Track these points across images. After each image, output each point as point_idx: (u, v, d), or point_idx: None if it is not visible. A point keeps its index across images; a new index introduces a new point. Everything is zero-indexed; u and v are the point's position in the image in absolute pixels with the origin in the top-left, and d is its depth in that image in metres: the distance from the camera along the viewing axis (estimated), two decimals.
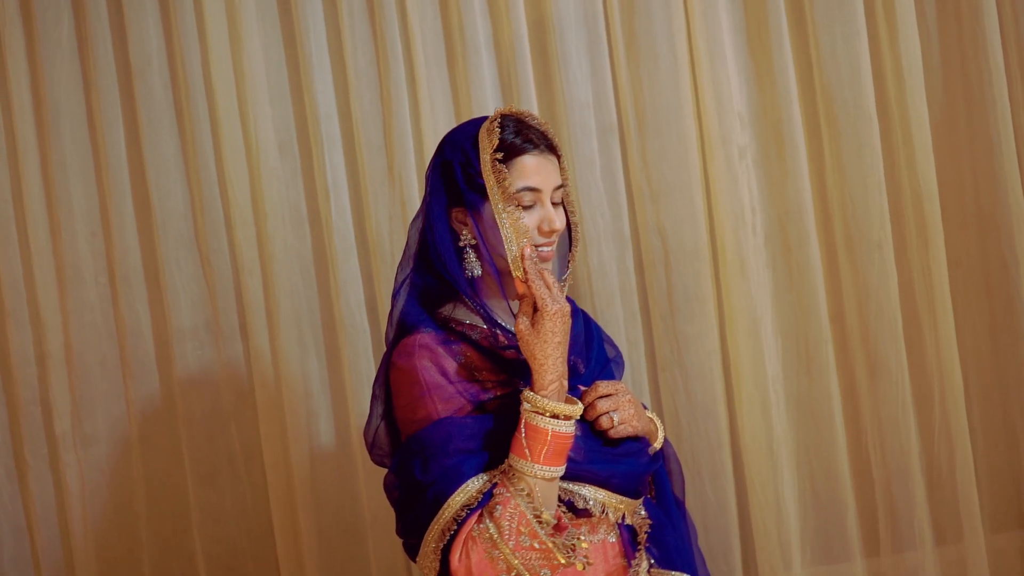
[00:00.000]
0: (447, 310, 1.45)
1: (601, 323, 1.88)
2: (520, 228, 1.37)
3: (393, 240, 2.13)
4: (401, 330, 1.45)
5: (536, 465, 1.29)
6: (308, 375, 2.20)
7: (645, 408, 1.56)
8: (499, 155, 1.38)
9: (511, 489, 1.29)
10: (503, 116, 1.43)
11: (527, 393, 1.31)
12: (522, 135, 1.41)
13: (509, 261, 1.37)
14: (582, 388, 1.44)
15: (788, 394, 2.05)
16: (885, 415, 2.01)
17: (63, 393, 2.26)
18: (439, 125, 2.09)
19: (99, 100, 2.19)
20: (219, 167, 2.20)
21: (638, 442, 1.44)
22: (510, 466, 1.31)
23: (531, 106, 2.05)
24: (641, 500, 1.45)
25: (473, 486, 1.32)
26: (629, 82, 2.04)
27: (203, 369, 2.24)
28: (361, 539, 2.21)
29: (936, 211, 1.98)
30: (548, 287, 1.34)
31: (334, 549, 2.23)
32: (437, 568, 1.34)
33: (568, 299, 1.60)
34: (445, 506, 1.31)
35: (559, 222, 1.41)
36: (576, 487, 1.38)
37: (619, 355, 1.61)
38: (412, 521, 1.36)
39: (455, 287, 1.42)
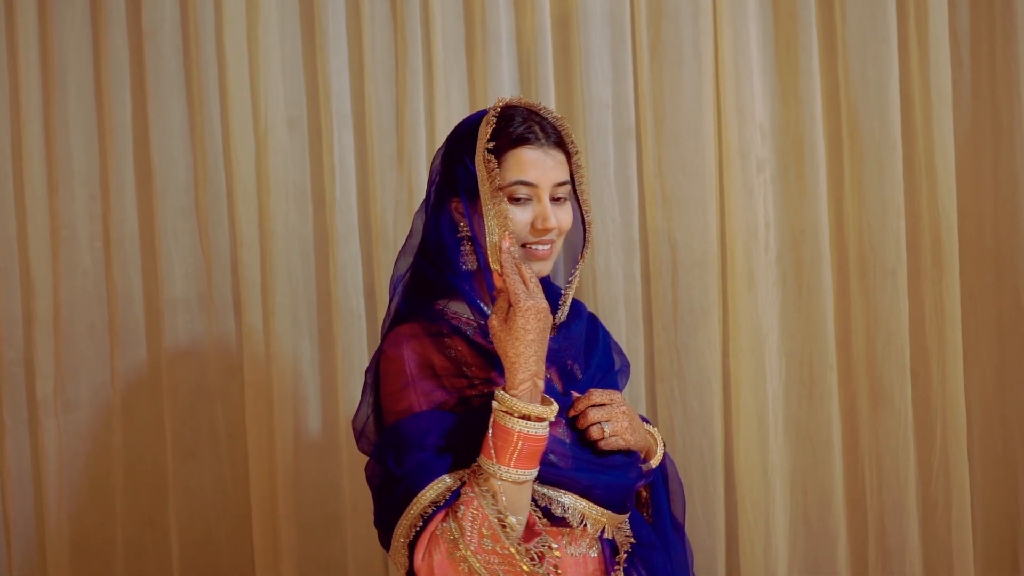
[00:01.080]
0: (444, 302, 1.41)
1: None
2: (504, 220, 1.33)
3: (397, 227, 2.09)
4: (396, 319, 1.42)
5: (502, 467, 1.24)
6: (299, 357, 2.16)
7: (647, 422, 1.52)
8: (491, 145, 1.34)
9: (476, 489, 1.25)
10: (512, 107, 1.39)
11: (498, 392, 1.27)
12: (523, 127, 1.37)
13: (488, 253, 1.33)
14: (575, 394, 1.40)
15: (787, 416, 2.01)
16: (884, 447, 1.97)
17: (48, 356, 2.22)
18: (453, 113, 2.04)
19: (108, 60, 2.15)
20: (225, 138, 2.16)
21: (628, 455, 1.40)
22: (478, 466, 1.27)
23: (548, 102, 2.00)
24: (627, 516, 1.40)
25: (444, 483, 1.28)
26: (650, 85, 2.00)
27: (192, 342, 2.20)
28: (340, 528, 2.18)
29: (954, 243, 1.94)
30: (524, 282, 1.29)
31: (312, 536, 2.19)
32: (407, 564, 1.30)
33: (577, 302, 1.57)
34: (414, 501, 1.27)
35: (554, 220, 1.36)
36: (555, 493, 1.33)
37: (627, 365, 1.57)
38: (384, 513, 1.33)
39: (449, 278, 1.38)
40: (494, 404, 1.26)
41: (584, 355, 1.48)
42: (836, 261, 1.99)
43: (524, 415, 1.25)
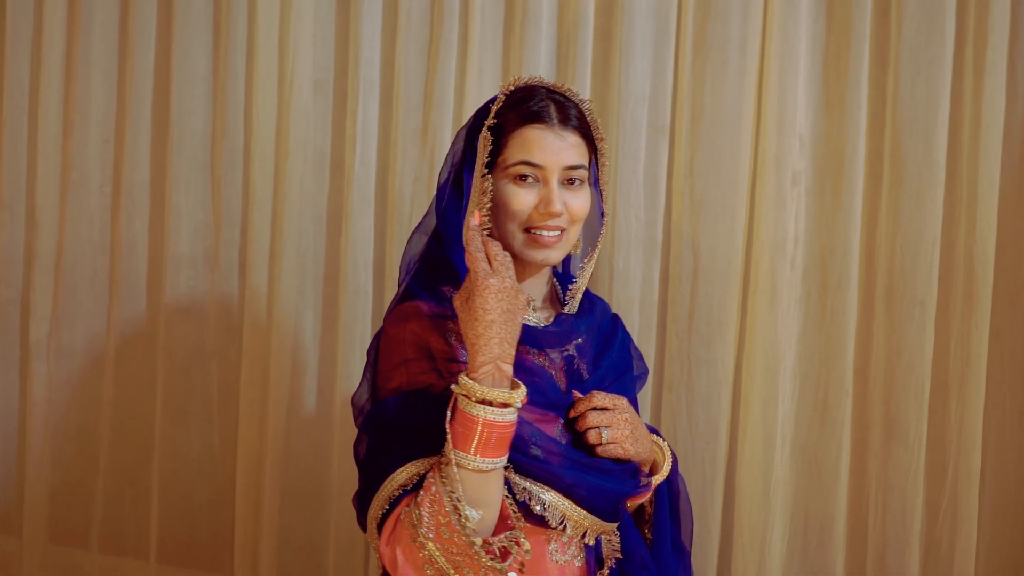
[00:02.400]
0: (451, 288, 1.35)
1: None
2: (482, 198, 1.29)
3: (414, 203, 2.02)
4: (404, 299, 1.37)
5: (461, 453, 1.17)
6: (301, 327, 2.11)
7: (658, 435, 1.45)
8: (493, 122, 1.30)
9: (436, 475, 1.19)
10: (533, 87, 1.34)
11: (460, 376, 1.20)
12: (538, 106, 1.31)
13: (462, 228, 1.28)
14: (576, 394, 1.34)
15: (795, 440, 1.94)
16: (893, 481, 1.90)
17: (46, 299, 2.18)
18: (483, 91, 1.97)
19: (136, 2, 2.10)
20: (248, 94, 2.11)
21: (624, 462, 1.33)
22: (443, 452, 1.20)
23: (583, 90, 1.93)
24: (614, 526, 1.34)
25: (415, 467, 1.22)
26: (691, 83, 1.92)
27: (193, 300, 2.15)
28: (324, 505, 2.13)
29: (988, 279, 1.85)
30: (489, 259, 1.22)
31: (295, 511, 2.14)
32: (378, 546, 1.25)
33: (599, 299, 1.52)
34: (385, 483, 1.23)
35: (560, 205, 1.29)
36: (537, 489, 1.25)
37: (645, 373, 1.51)
38: (361, 492, 1.29)
39: (453, 258, 1.33)
40: (453, 387, 1.20)
41: (597, 355, 1.42)
42: (864, 284, 1.91)
43: (484, 400, 1.18)
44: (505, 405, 1.18)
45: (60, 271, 2.18)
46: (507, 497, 1.24)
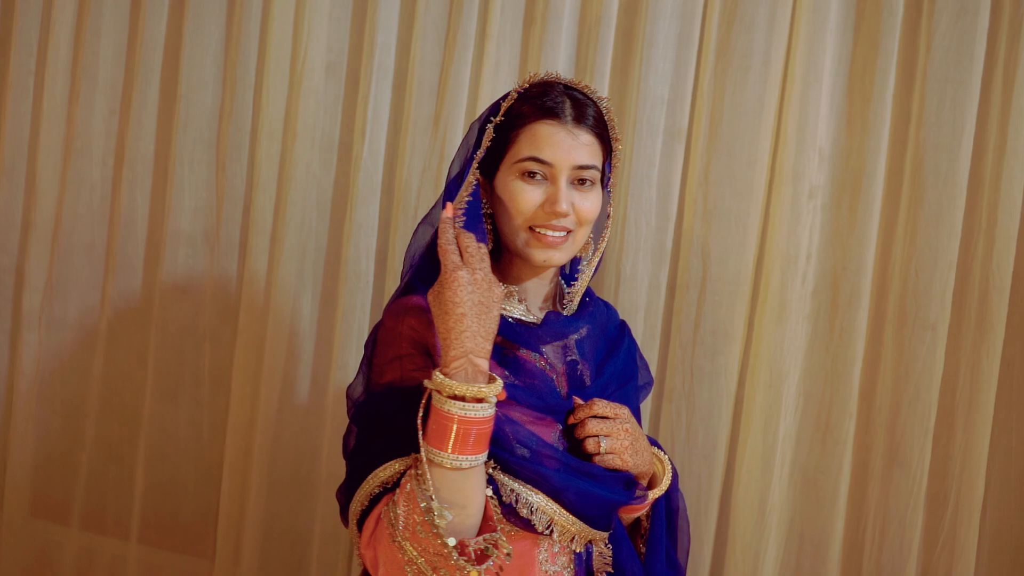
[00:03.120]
0: None
1: None
2: (465, 191, 1.27)
3: (421, 194, 1.98)
4: (405, 291, 1.33)
5: (434, 450, 1.14)
6: (298, 313, 2.07)
7: (660, 448, 1.41)
8: (501, 119, 1.28)
9: (413, 474, 1.15)
10: (550, 83, 1.31)
11: (433, 372, 1.16)
12: (552, 101, 1.28)
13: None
14: (577, 400, 1.30)
15: (795, 460, 1.90)
16: (893, 507, 1.86)
17: (41, 268, 2.14)
18: (499, 85, 1.93)
19: None
20: (259, 73, 2.07)
21: (618, 471, 1.30)
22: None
23: (601, 89, 1.89)
24: (605, 535, 1.30)
25: (401, 464, 1.19)
26: (711, 88, 1.88)
27: (191, 279, 2.11)
28: (311, 495, 2.09)
29: (1003, 307, 1.81)
30: (461, 251, 1.19)
31: (281, 499, 2.10)
32: (359, 542, 1.22)
33: (606, 304, 1.48)
34: (369, 478, 1.20)
35: (566, 205, 1.26)
36: (526, 492, 1.22)
37: (650, 383, 1.47)
38: (346, 485, 1.25)
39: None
40: (426, 383, 1.17)
41: (601, 362, 1.38)
42: (875, 305, 1.87)
43: (456, 395, 1.14)
44: (479, 400, 1.15)
45: (57, 240, 2.14)
46: (492, 498, 1.20)
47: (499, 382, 1.17)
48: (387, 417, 1.22)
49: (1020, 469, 1.90)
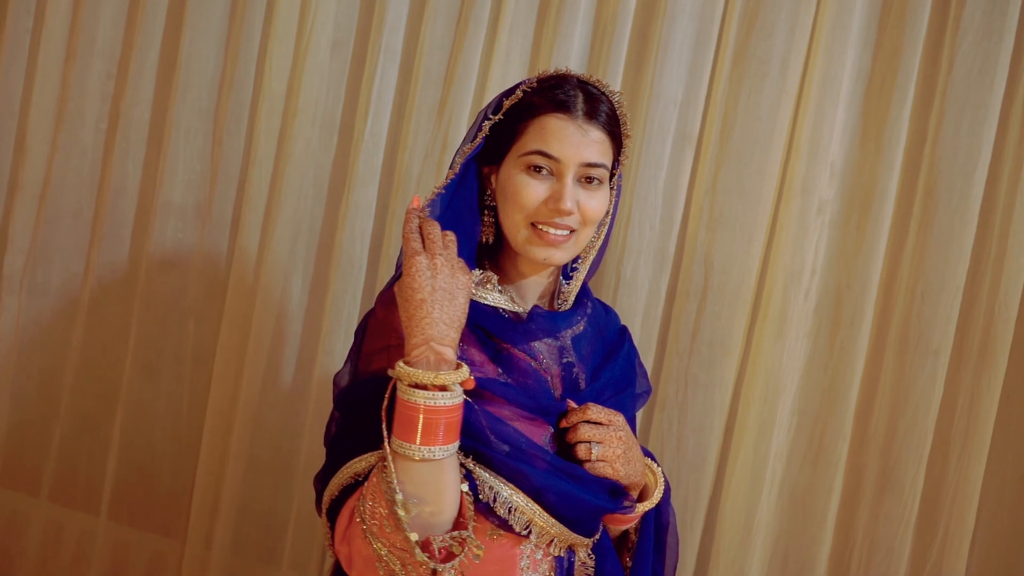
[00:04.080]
0: None
1: None
2: (453, 176, 1.25)
3: (422, 181, 1.93)
4: (398, 279, 1.28)
5: (405, 444, 1.10)
6: (288, 294, 2.01)
7: (653, 459, 1.37)
8: (506, 113, 1.25)
9: (380, 465, 1.12)
10: (564, 76, 1.27)
11: (396, 362, 1.13)
12: (563, 94, 1.23)
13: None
14: (570, 403, 1.26)
15: (785, 478, 1.86)
16: (882, 533, 1.82)
17: (25, 231, 2.08)
18: (508, 75, 1.88)
19: None
20: (263, 46, 2.01)
21: (606, 478, 1.26)
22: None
23: (613, 86, 1.84)
24: (588, 542, 1.26)
25: (374, 458, 1.15)
26: (725, 93, 1.83)
27: (179, 252, 2.05)
28: (289, 480, 2.04)
29: (1008, 337, 1.77)
30: (423, 237, 1.17)
31: (258, 483, 2.05)
32: (328, 533, 1.19)
33: (606, 306, 1.44)
34: (343, 468, 1.17)
35: (570, 203, 1.22)
36: (506, 491, 1.17)
37: (647, 392, 1.43)
38: (323, 472, 1.22)
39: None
40: (389, 372, 1.13)
41: (598, 366, 1.34)
42: (877, 326, 1.83)
43: (417, 384, 1.10)
44: (443, 388, 1.11)
45: (44, 203, 2.08)
46: (468, 495, 1.16)
47: (465, 369, 1.13)
48: (371, 406, 1.18)
49: (1012, 503, 1.87)
